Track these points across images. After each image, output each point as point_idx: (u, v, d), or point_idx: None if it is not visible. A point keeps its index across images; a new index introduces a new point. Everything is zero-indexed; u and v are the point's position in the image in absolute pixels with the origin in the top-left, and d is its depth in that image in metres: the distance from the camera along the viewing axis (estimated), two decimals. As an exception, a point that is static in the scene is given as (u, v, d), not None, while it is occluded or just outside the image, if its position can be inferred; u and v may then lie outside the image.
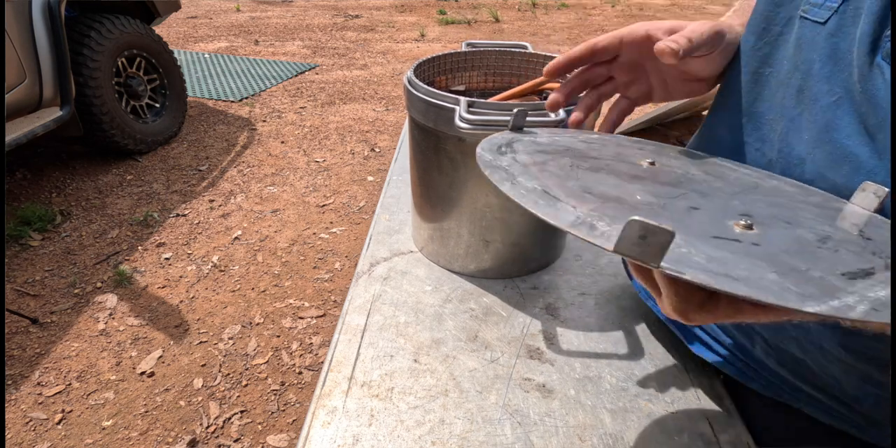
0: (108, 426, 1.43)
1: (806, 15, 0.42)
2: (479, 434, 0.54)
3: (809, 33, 0.41)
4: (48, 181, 2.60)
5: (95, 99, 2.45)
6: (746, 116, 0.48)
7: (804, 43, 0.42)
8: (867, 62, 0.36)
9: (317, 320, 1.82)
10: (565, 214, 0.33)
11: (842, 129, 0.38)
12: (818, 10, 0.41)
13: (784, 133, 0.44)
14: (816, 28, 0.41)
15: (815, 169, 0.41)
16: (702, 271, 0.27)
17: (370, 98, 3.85)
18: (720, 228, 0.35)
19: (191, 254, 2.13)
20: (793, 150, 0.43)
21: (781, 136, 0.44)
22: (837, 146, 0.39)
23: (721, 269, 0.28)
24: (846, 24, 0.38)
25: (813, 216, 0.38)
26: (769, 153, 0.46)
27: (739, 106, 0.48)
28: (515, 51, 0.84)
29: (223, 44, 5.21)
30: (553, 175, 0.41)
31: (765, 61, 0.46)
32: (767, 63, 0.46)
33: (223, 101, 3.72)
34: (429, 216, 0.78)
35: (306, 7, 7.07)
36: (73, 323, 1.77)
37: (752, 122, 0.47)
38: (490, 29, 5.97)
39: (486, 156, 0.43)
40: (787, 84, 0.43)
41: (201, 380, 1.58)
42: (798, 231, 0.35)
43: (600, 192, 0.38)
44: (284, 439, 1.41)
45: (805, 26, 0.42)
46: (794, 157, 0.43)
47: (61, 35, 2.26)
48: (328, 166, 2.86)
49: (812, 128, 0.41)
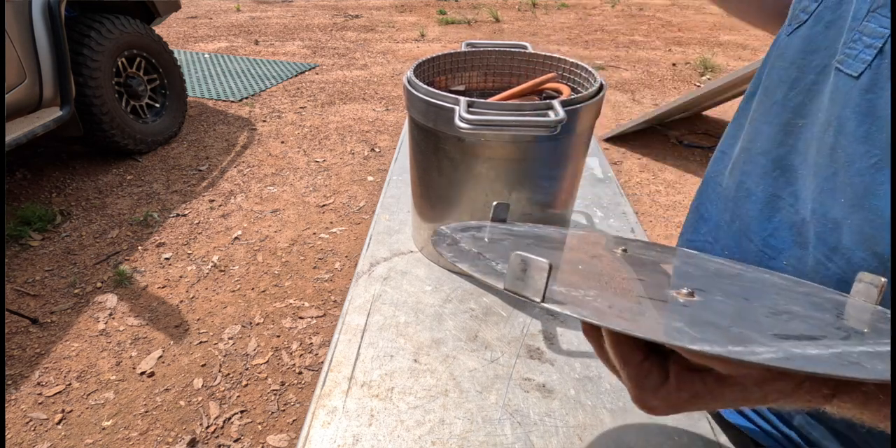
0: (108, 426, 1.43)
1: (840, 66, 0.39)
2: (479, 434, 0.54)
3: (844, 86, 0.38)
4: (48, 181, 2.60)
5: (95, 99, 2.45)
6: (779, 170, 0.44)
7: (838, 96, 0.39)
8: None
9: (317, 320, 1.82)
10: (479, 266, 0.31)
11: (882, 195, 0.35)
12: (852, 62, 0.38)
13: (818, 192, 0.40)
14: (850, 82, 0.37)
15: (852, 236, 0.38)
16: (588, 309, 0.25)
17: (370, 98, 3.85)
18: (654, 293, 0.32)
19: (191, 254, 2.13)
20: (828, 212, 0.39)
21: (815, 195, 0.41)
22: (878, 213, 0.35)
23: (615, 312, 0.26)
24: (881, 79, 0.35)
25: (786, 299, 0.34)
26: (803, 211, 0.42)
27: (770, 158, 0.45)
28: (515, 51, 0.84)
29: (223, 44, 5.21)
30: (501, 247, 0.39)
31: (798, 112, 0.43)
32: (800, 114, 0.43)
33: (223, 101, 3.72)
34: (429, 216, 0.78)
35: (306, 7, 7.07)
36: (73, 323, 1.77)
37: (786, 177, 0.44)
38: (490, 29, 5.97)
39: (444, 230, 0.41)
40: (821, 140, 0.40)
41: (201, 380, 1.58)
42: (752, 304, 0.32)
43: None
44: (284, 439, 1.41)
45: (840, 78, 0.39)
46: (829, 220, 0.39)
47: (61, 35, 2.26)
48: (328, 166, 2.86)
49: (848, 191, 0.37)
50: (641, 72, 4.50)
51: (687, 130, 3.36)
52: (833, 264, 0.40)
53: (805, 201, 0.42)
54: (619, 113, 3.62)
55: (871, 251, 0.37)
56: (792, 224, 0.43)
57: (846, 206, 0.38)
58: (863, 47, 0.37)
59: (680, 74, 4.43)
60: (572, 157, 0.72)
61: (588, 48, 5.19)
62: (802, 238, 0.42)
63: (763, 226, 0.46)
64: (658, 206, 2.55)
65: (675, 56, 4.94)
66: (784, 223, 0.44)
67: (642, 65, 4.68)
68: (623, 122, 3.41)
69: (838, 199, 0.38)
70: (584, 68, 0.77)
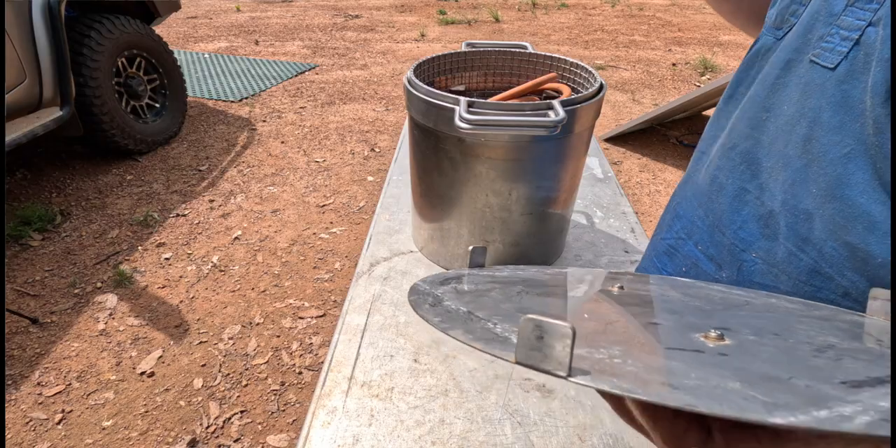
0: (108, 426, 1.43)
1: (817, 59, 0.39)
2: (479, 434, 0.54)
3: (818, 78, 0.39)
4: (48, 181, 2.60)
5: (95, 99, 2.45)
6: (745, 163, 0.45)
7: (812, 88, 0.39)
8: (883, 114, 0.33)
9: (317, 320, 1.82)
10: (476, 331, 0.27)
11: (854, 185, 0.35)
12: (828, 55, 0.38)
13: (788, 184, 0.41)
14: (825, 73, 0.38)
15: (824, 226, 0.38)
16: (627, 379, 0.22)
17: (370, 98, 3.85)
18: (680, 341, 0.28)
19: (191, 254, 2.13)
20: (799, 203, 0.40)
21: (785, 187, 0.41)
22: (849, 203, 0.36)
23: (658, 377, 0.22)
24: (857, 70, 0.36)
25: (814, 329, 0.32)
26: (770, 203, 0.43)
27: (738, 151, 0.46)
28: (515, 51, 0.84)
29: (223, 44, 5.21)
30: (491, 300, 0.35)
31: (763, 106, 0.44)
32: (765, 108, 0.44)
33: (223, 101, 3.72)
34: (429, 216, 0.78)
35: (306, 7, 7.07)
36: (73, 323, 1.77)
37: (751, 170, 0.45)
38: (490, 29, 5.97)
39: (421, 287, 0.37)
40: (791, 131, 0.41)
41: (201, 380, 1.58)
42: (789, 341, 0.29)
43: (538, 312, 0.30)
44: (284, 439, 1.41)
45: (814, 71, 0.39)
46: (800, 212, 0.40)
47: (61, 35, 2.26)
48: (328, 166, 2.86)
49: (821, 181, 0.38)
50: (641, 72, 4.50)
51: (687, 130, 3.36)
52: (805, 255, 0.40)
53: (772, 193, 0.42)
54: (619, 113, 3.62)
55: (842, 241, 0.37)
56: (759, 216, 0.44)
57: (818, 196, 0.38)
58: (839, 40, 0.38)
59: (680, 74, 4.43)
60: (572, 157, 0.72)
61: (588, 48, 5.19)
62: (770, 230, 0.43)
63: (732, 218, 0.46)
64: (658, 206, 2.55)
65: (675, 56, 4.94)
66: (751, 215, 0.45)
67: (642, 65, 4.68)
68: (623, 122, 3.41)
69: (810, 189, 0.39)
70: (584, 68, 0.77)
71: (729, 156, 0.47)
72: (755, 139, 0.44)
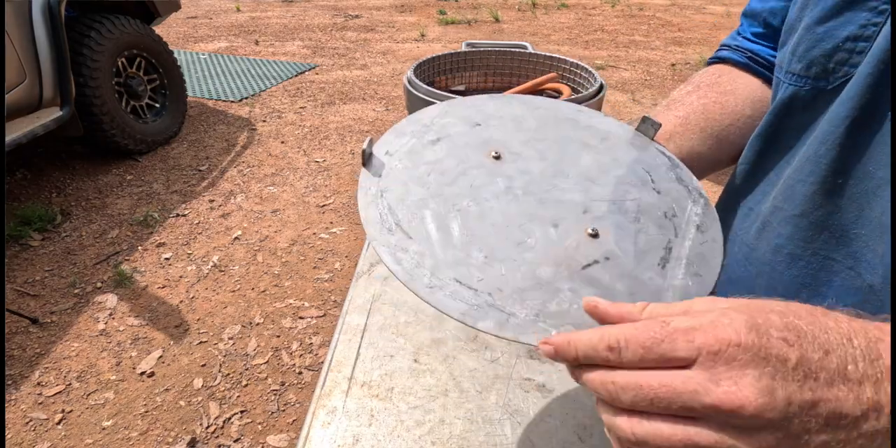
0: (108, 426, 1.43)
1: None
2: (479, 434, 0.54)
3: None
4: (48, 181, 2.60)
5: (95, 99, 2.45)
6: (827, 231, 0.40)
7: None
8: None
9: (317, 320, 1.82)
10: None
11: None
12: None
13: (890, 256, 0.36)
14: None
15: None
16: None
17: (370, 98, 3.85)
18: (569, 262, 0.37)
19: (191, 254, 2.13)
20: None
21: (886, 261, 0.37)
22: None
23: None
24: None
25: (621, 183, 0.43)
26: (868, 276, 0.38)
27: (809, 219, 0.41)
28: (515, 51, 0.84)
29: (223, 44, 5.21)
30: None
31: (838, 170, 0.39)
32: (837, 171, 0.39)
33: (223, 101, 3.72)
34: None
35: (306, 7, 7.07)
36: (73, 323, 1.77)
37: (836, 238, 0.40)
38: (490, 29, 5.97)
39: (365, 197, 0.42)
40: (884, 198, 0.36)
41: (201, 380, 1.58)
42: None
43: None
44: (284, 439, 1.41)
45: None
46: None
47: (61, 35, 2.26)
48: (328, 166, 2.86)
49: None
50: (641, 72, 4.50)
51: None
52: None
53: (871, 265, 0.38)
54: (619, 113, 3.62)
55: None
56: (856, 289, 0.40)
57: None
58: None
59: (680, 74, 4.44)
60: (572, 157, 0.71)
61: (588, 48, 5.19)
62: (871, 305, 0.39)
63: (818, 290, 0.42)
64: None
65: (675, 56, 4.95)
66: (845, 288, 0.40)
67: (642, 65, 4.68)
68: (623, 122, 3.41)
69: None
70: (584, 68, 0.77)
71: (798, 224, 0.42)
72: (834, 205, 0.40)
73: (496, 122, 0.45)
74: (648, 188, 0.43)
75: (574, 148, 0.45)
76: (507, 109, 0.46)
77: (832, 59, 0.39)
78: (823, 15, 0.40)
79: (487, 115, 0.45)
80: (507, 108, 0.46)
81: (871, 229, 0.38)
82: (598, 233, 0.38)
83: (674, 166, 0.45)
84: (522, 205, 0.40)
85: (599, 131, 0.47)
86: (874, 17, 0.36)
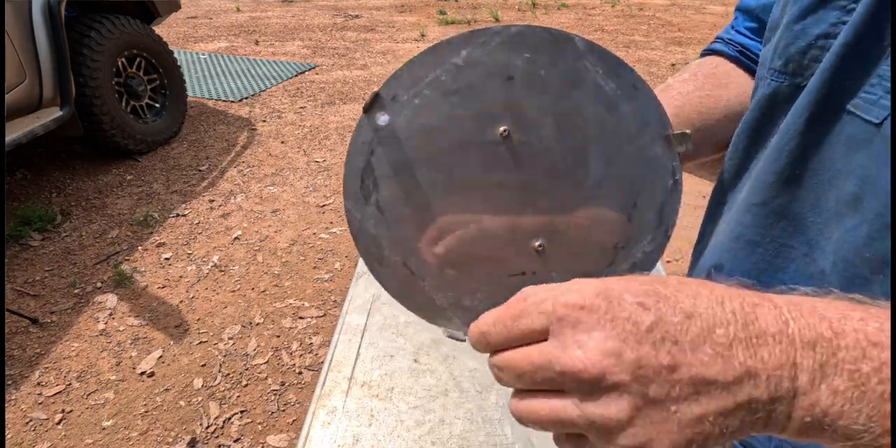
0: (108, 426, 1.43)
1: (857, 111, 0.35)
2: (479, 434, 0.54)
3: (862, 133, 0.35)
4: (48, 181, 2.60)
5: (95, 99, 2.45)
6: (785, 219, 0.42)
7: (856, 143, 0.36)
8: None
9: (317, 320, 1.82)
10: None
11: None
12: (871, 108, 0.34)
13: (840, 244, 0.38)
14: (869, 128, 0.34)
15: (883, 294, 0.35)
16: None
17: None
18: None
19: (191, 254, 2.13)
20: (852, 266, 0.37)
21: (836, 247, 0.38)
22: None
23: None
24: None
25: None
26: (821, 262, 0.40)
27: (769, 207, 0.43)
28: (515, 51, 0.83)
29: (223, 44, 5.21)
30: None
31: (797, 161, 0.40)
32: (798, 160, 0.40)
33: (223, 101, 3.72)
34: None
35: (306, 7, 7.07)
36: (73, 323, 1.77)
37: (793, 225, 0.42)
38: (490, 29, 5.97)
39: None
40: (841, 188, 0.37)
41: (201, 380, 1.58)
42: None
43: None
44: (284, 439, 1.41)
45: (855, 124, 0.36)
46: (854, 276, 0.37)
47: (61, 35, 2.26)
48: (328, 166, 2.86)
49: (880, 248, 0.35)
50: (641, 72, 4.50)
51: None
52: None
53: (823, 251, 0.40)
54: (619, 113, 3.62)
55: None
56: (810, 274, 0.41)
57: (873, 261, 0.36)
58: (882, 92, 0.34)
59: (680, 74, 4.44)
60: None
61: (588, 48, 5.19)
62: (822, 291, 0.39)
63: (775, 276, 0.43)
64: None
65: (675, 56, 4.95)
66: (799, 273, 0.42)
67: (642, 65, 4.68)
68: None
69: (863, 254, 0.36)
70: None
71: (758, 213, 0.44)
72: (792, 194, 0.41)
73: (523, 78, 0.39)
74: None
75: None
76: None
77: (806, 56, 0.41)
78: (800, 13, 0.41)
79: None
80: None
81: (826, 217, 0.39)
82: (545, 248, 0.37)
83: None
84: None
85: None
86: (843, 15, 0.38)
